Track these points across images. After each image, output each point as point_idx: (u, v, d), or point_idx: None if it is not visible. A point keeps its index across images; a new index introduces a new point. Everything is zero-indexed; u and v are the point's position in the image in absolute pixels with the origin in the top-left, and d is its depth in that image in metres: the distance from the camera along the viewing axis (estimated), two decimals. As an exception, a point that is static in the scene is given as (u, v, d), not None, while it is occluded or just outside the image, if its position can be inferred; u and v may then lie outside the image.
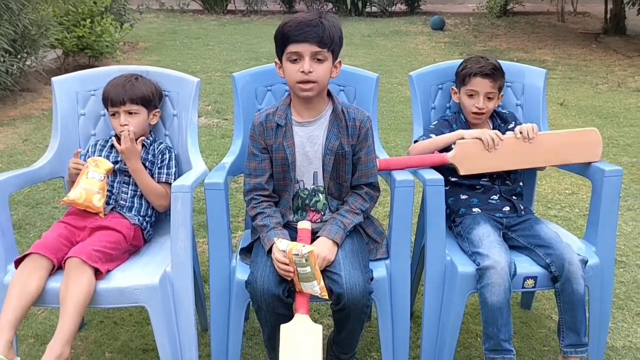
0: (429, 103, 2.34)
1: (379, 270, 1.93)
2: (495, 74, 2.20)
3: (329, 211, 1.98)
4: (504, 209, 2.15)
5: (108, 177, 2.07)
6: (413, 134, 2.30)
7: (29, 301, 1.79)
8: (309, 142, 1.94)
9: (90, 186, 2.01)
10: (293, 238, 1.87)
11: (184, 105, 2.24)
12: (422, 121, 2.30)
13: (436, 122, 2.28)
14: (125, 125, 2.10)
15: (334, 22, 1.86)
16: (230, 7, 11.52)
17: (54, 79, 2.28)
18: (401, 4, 11.32)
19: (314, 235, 1.88)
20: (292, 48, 1.83)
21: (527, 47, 8.32)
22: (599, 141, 2.13)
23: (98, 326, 2.38)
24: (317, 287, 1.75)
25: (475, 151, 2.09)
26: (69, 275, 1.80)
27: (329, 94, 1.96)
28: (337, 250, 1.85)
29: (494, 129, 2.23)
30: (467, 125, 2.24)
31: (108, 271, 1.88)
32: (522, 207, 2.16)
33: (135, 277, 1.89)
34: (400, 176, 1.95)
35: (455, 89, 2.29)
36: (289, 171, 1.94)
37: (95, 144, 2.20)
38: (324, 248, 1.82)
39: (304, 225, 1.88)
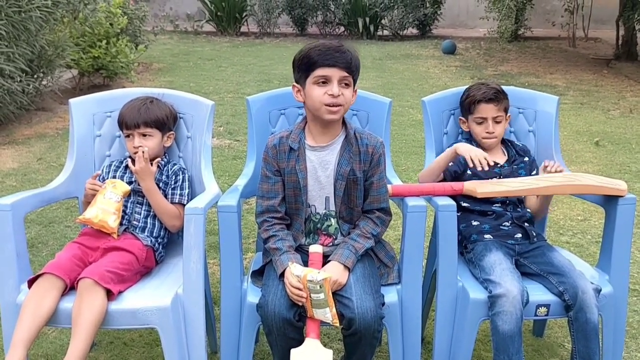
0: (442, 128, 2.35)
1: (391, 295, 1.92)
2: (499, 97, 2.23)
3: (341, 235, 1.98)
4: (515, 236, 2.13)
5: (124, 199, 2.09)
6: (425, 158, 2.30)
7: (41, 321, 1.80)
8: (321, 167, 1.95)
9: (107, 206, 2.03)
10: (304, 261, 1.87)
11: (198, 127, 2.27)
12: (434, 146, 2.31)
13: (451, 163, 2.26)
14: (140, 146, 2.13)
15: (355, 51, 1.91)
16: (243, 29, 11.66)
17: (71, 100, 2.31)
18: (413, 27, 11.41)
19: (325, 259, 1.89)
20: (321, 72, 1.85)
21: (538, 72, 8.33)
22: (624, 193, 2.06)
23: (108, 347, 2.38)
24: (329, 314, 1.75)
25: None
26: (81, 296, 1.81)
27: (343, 120, 1.98)
28: (349, 275, 1.85)
29: (509, 159, 2.25)
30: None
31: (120, 292, 1.88)
32: (534, 234, 2.15)
33: (147, 298, 1.89)
34: (412, 202, 1.95)
35: (462, 118, 2.32)
36: (300, 195, 1.95)
37: (110, 165, 2.23)
38: (336, 272, 1.82)
39: (316, 249, 1.88)
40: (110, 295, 1.85)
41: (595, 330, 1.91)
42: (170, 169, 2.20)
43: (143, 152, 2.09)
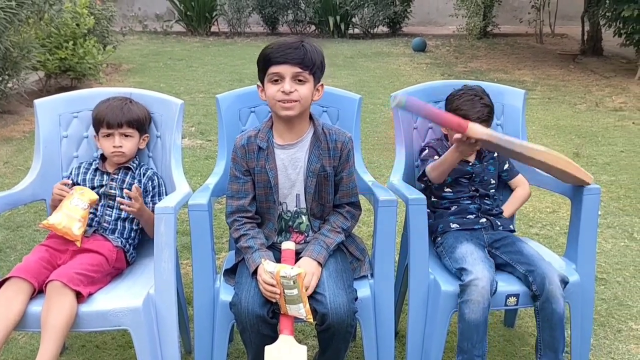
0: (411, 123, 2.37)
1: (363, 290, 1.93)
2: (491, 116, 2.21)
3: (312, 232, 1.98)
4: (480, 221, 2.17)
5: (91, 208, 2.03)
6: (396, 153, 2.32)
7: (9, 326, 1.77)
8: (291, 164, 1.95)
9: (73, 213, 1.97)
10: (277, 259, 1.87)
11: (168, 126, 2.25)
12: (404, 141, 2.33)
13: (425, 150, 2.26)
14: (120, 146, 2.09)
15: (316, 47, 1.90)
16: (213, 29, 11.58)
17: (36, 101, 2.27)
18: (383, 26, 11.47)
19: (297, 256, 1.89)
20: (274, 69, 1.85)
21: (507, 68, 8.45)
22: (591, 180, 2.07)
23: (79, 350, 2.35)
24: (302, 310, 1.75)
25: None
26: (50, 299, 1.78)
27: (310, 117, 1.98)
28: (321, 270, 1.85)
29: (478, 156, 2.25)
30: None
31: (90, 294, 1.86)
32: (498, 223, 2.19)
33: (118, 299, 1.87)
34: (383, 196, 1.96)
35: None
36: (271, 194, 1.95)
37: (79, 167, 2.19)
38: (309, 268, 1.82)
39: (288, 245, 1.88)
40: (80, 297, 1.82)
41: (561, 320, 1.95)
42: (144, 174, 2.17)
43: (128, 203, 2.02)
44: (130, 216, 2.13)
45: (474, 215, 2.19)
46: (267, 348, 1.75)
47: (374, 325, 1.96)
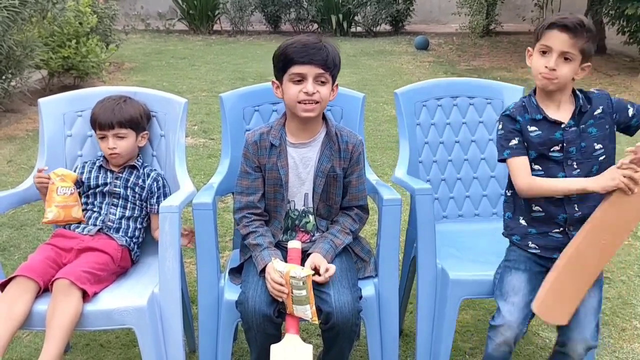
0: (414, 119, 2.37)
1: (368, 288, 1.93)
2: (578, 29, 1.73)
3: (318, 232, 1.98)
4: (563, 249, 1.79)
5: (76, 185, 2.09)
6: (400, 148, 2.32)
7: (15, 325, 1.77)
8: (302, 163, 1.95)
9: (65, 202, 2.02)
10: (283, 257, 1.87)
11: (172, 125, 2.25)
12: (407, 136, 2.33)
13: (502, 130, 1.87)
14: (114, 148, 2.09)
15: (335, 47, 1.89)
16: (216, 27, 11.56)
17: (40, 100, 2.27)
18: (386, 24, 11.44)
19: (304, 255, 1.89)
20: (296, 69, 1.84)
21: (509, 66, 8.43)
22: None
23: (84, 349, 2.35)
24: (309, 312, 1.75)
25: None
26: (56, 298, 1.79)
27: (323, 117, 1.98)
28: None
29: (574, 114, 1.80)
30: (539, 109, 1.82)
31: (95, 293, 1.86)
32: None
33: (123, 298, 1.87)
34: (387, 195, 1.96)
35: (530, 49, 1.86)
36: (281, 191, 1.94)
37: (84, 166, 2.19)
38: (322, 262, 1.83)
39: (295, 244, 1.88)
40: (85, 296, 1.82)
41: None
42: (148, 175, 2.16)
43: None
44: (135, 215, 2.13)
45: (561, 229, 1.82)
46: (273, 347, 1.76)
47: (378, 324, 1.96)
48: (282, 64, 1.87)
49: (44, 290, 1.86)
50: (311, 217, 1.98)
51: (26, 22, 5.35)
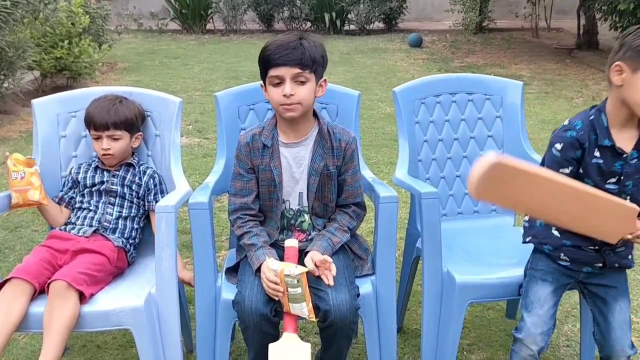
0: (413, 117, 2.36)
1: (365, 286, 1.93)
2: None
3: (315, 230, 1.98)
4: (595, 264, 1.74)
5: (31, 166, 2.07)
6: (399, 148, 2.31)
7: (11, 328, 1.76)
8: (295, 162, 1.94)
9: (19, 187, 2.03)
10: (280, 256, 1.87)
11: (167, 125, 2.24)
12: (407, 135, 2.32)
13: (559, 153, 1.66)
14: (108, 149, 2.08)
15: (315, 42, 1.86)
16: (209, 26, 11.53)
17: (33, 101, 2.26)
18: (379, 22, 11.44)
19: (300, 254, 1.88)
20: (273, 72, 1.83)
21: (503, 62, 8.45)
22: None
23: (80, 351, 2.34)
24: (305, 309, 1.75)
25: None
26: (53, 300, 1.78)
27: (315, 115, 1.97)
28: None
29: (638, 144, 1.63)
30: (608, 134, 1.62)
31: (92, 295, 1.85)
32: (613, 260, 1.75)
33: (120, 299, 1.87)
34: (384, 192, 1.96)
35: (621, 65, 1.57)
36: (275, 191, 1.94)
37: (79, 167, 2.18)
38: (318, 256, 1.82)
39: (292, 243, 1.88)
40: (82, 298, 1.82)
41: None
42: (144, 172, 2.16)
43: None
44: (132, 214, 2.13)
45: (596, 248, 1.71)
46: (271, 346, 1.75)
47: (376, 321, 1.96)
48: (262, 67, 1.87)
49: (40, 292, 1.85)
50: (306, 216, 1.97)
51: (18, 23, 5.32)
